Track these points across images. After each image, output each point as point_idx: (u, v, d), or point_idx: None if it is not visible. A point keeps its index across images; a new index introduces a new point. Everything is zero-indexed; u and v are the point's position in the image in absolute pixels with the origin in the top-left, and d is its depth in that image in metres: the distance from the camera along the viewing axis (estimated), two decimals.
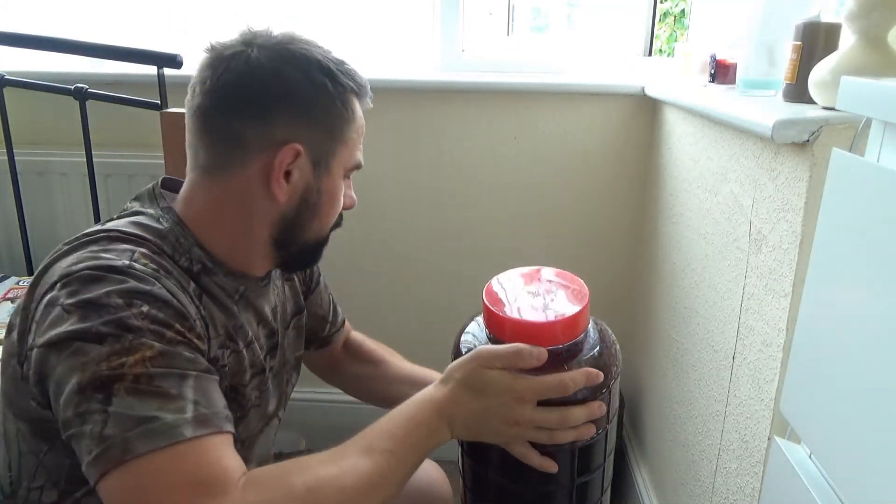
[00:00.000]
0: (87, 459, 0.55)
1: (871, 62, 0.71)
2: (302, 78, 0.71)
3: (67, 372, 0.57)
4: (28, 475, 0.66)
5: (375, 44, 1.72)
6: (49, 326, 0.59)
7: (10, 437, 0.67)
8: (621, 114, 1.54)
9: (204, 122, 0.72)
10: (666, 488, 1.29)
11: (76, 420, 0.56)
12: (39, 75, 1.54)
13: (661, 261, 1.38)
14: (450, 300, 1.71)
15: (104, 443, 0.54)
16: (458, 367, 0.71)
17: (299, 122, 0.71)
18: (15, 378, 0.64)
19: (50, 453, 0.64)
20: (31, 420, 0.64)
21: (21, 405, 0.64)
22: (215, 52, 0.72)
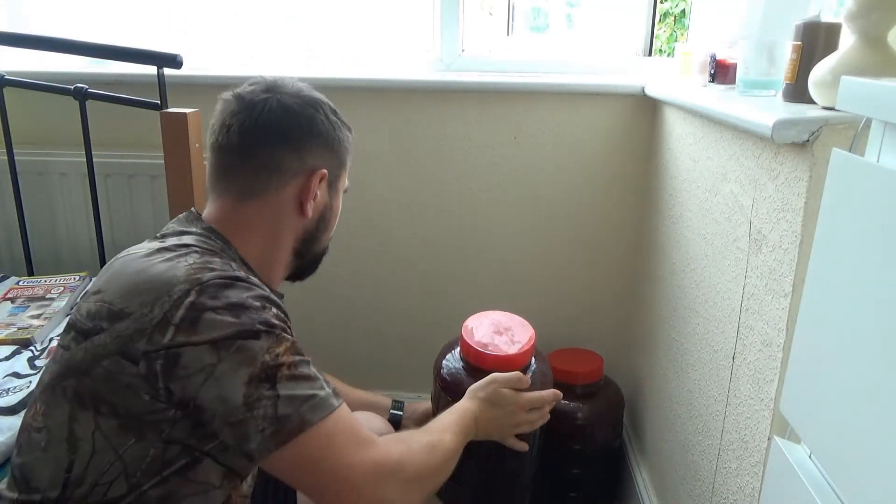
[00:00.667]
0: (259, 439, 0.67)
1: (871, 62, 0.71)
2: (322, 118, 0.88)
3: (234, 367, 0.67)
4: (96, 472, 0.69)
5: (375, 44, 1.72)
6: (204, 328, 0.67)
7: (79, 437, 0.69)
8: (621, 114, 1.54)
9: (245, 153, 0.84)
10: (666, 488, 1.29)
11: (243, 408, 0.67)
12: (39, 75, 1.54)
13: (661, 261, 1.38)
14: (450, 300, 1.71)
15: (280, 421, 0.67)
16: (481, 388, 1.03)
17: (325, 152, 0.89)
18: (112, 377, 0.68)
19: (135, 446, 0.68)
20: (128, 415, 0.68)
21: (119, 402, 0.68)
22: (245, 99, 0.85)
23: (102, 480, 0.69)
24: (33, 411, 0.74)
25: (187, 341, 0.67)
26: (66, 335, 0.74)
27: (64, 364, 0.72)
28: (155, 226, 1.61)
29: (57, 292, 1.44)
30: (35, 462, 0.72)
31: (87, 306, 0.74)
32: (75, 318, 0.74)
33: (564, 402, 1.50)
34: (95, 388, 0.69)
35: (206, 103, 1.54)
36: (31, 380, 1.10)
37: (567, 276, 1.67)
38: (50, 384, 0.73)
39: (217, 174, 0.87)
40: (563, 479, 1.54)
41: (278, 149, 0.85)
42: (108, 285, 0.74)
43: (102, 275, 0.78)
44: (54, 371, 0.73)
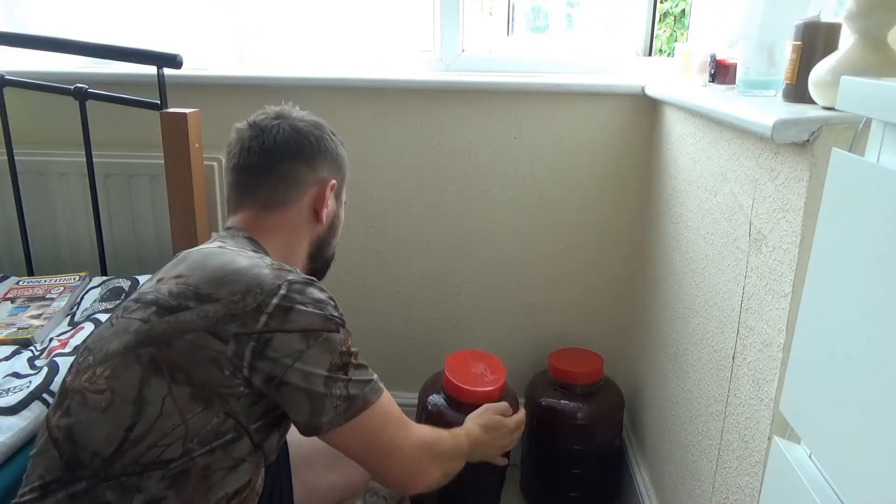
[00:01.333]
0: (333, 414, 0.80)
1: (871, 62, 0.71)
2: (327, 137, 1.03)
3: (319, 354, 0.80)
4: (158, 434, 0.76)
5: (376, 44, 1.72)
6: (295, 318, 0.79)
7: (151, 400, 0.77)
8: (621, 114, 1.54)
9: (266, 169, 0.97)
10: (666, 488, 1.30)
11: (323, 389, 0.79)
12: (39, 75, 1.54)
13: (661, 261, 1.38)
14: (449, 299, 1.71)
15: (350, 400, 0.81)
16: (478, 416, 1.15)
17: (332, 166, 1.03)
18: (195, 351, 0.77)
19: (201, 414, 0.77)
20: (202, 386, 0.77)
21: (196, 372, 0.77)
22: (259, 125, 1.00)
23: (161, 442, 0.76)
24: (87, 376, 0.80)
25: (279, 329, 0.78)
26: (143, 310, 0.81)
27: (143, 334, 0.79)
28: (155, 226, 1.61)
29: (57, 292, 1.44)
30: (90, 421, 0.77)
31: (167, 287, 0.82)
32: (156, 297, 0.82)
33: (564, 401, 1.50)
34: (175, 357, 0.77)
35: (206, 103, 1.55)
36: (31, 380, 1.10)
37: (567, 276, 1.67)
38: (120, 351, 0.79)
39: (240, 191, 0.99)
40: (563, 479, 1.54)
41: (295, 163, 0.98)
42: (191, 272, 0.83)
43: (177, 264, 0.87)
44: (127, 341, 0.79)
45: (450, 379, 1.37)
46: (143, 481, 0.76)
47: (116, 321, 0.84)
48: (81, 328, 1.26)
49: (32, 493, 0.78)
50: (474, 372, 1.42)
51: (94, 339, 0.85)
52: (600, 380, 1.53)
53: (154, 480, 0.76)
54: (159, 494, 0.76)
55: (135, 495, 0.75)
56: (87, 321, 1.28)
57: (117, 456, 0.76)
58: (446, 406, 1.41)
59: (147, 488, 0.76)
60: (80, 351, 0.86)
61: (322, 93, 1.59)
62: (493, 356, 1.50)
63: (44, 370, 1.11)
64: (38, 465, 0.79)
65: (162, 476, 0.76)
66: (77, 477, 0.76)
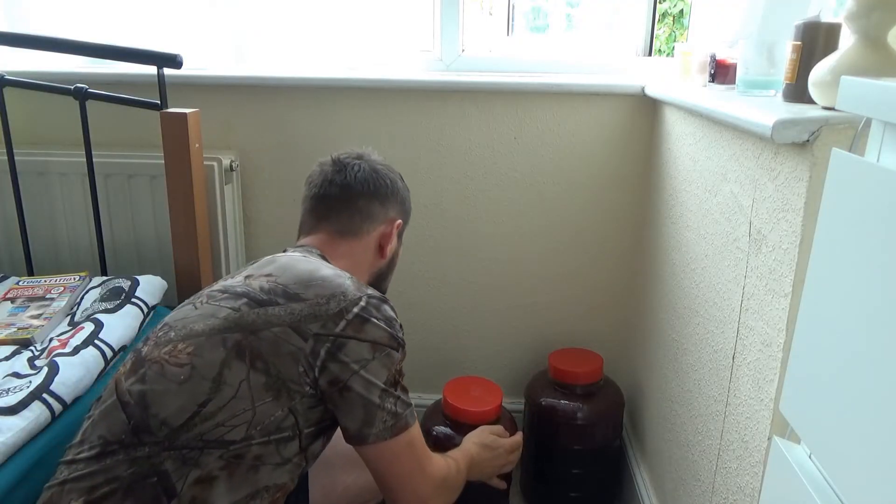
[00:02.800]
0: (381, 427, 0.86)
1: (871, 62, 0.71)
2: (399, 181, 1.16)
3: (381, 366, 0.87)
4: (228, 414, 0.81)
5: (376, 44, 1.72)
6: (369, 330, 0.87)
7: (229, 382, 0.82)
8: (621, 114, 1.54)
9: (344, 201, 1.08)
10: (666, 488, 1.30)
11: (378, 400, 0.86)
12: (39, 75, 1.54)
13: (661, 261, 1.38)
14: (449, 299, 1.71)
15: (396, 417, 0.88)
16: (475, 436, 1.22)
17: (400, 208, 1.15)
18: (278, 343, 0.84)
19: (269, 404, 0.83)
20: (277, 377, 0.83)
21: (275, 363, 0.83)
22: (342, 162, 1.11)
23: (228, 423, 0.81)
24: (168, 349, 0.86)
25: (354, 336, 0.86)
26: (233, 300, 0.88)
27: (232, 321, 0.86)
28: (155, 226, 1.61)
29: (57, 292, 1.44)
30: (166, 392, 0.83)
31: (258, 283, 0.90)
32: (246, 290, 0.89)
33: (564, 401, 1.50)
34: (259, 346, 0.84)
35: (206, 103, 1.55)
36: (31, 380, 1.10)
37: (567, 276, 1.67)
38: (206, 332, 0.86)
39: (317, 216, 1.09)
40: (563, 479, 1.54)
41: (370, 200, 1.09)
42: (281, 272, 0.91)
43: (265, 265, 0.94)
44: (214, 324, 0.86)
45: (451, 403, 1.43)
46: (202, 457, 0.80)
47: (201, 306, 0.90)
48: (81, 328, 1.26)
49: (91, 450, 0.81)
50: (473, 395, 1.46)
51: (175, 319, 0.91)
52: (600, 380, 1.53)
53: (212, 458, 0.80)
54: (213, 473, 0.80)
55: (191, 469, 0.79)
56: (88, 321, 1.28)
57: (184, 428, 0.80)
58: (451, 430, 1.43)
59: (204, 464, 0.80)
60: (160, 327, 0.93)
61: (322, 93, 1.59)
62: (489, 381, 1.53)
63: (44, 370, 1.11)
64: (101, 425, 0.83)
65: (220, 455, 0.80)
66: (142, 442, 0.80)
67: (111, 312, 1.31)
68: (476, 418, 1.38)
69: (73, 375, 1.11)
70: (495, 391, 1.47)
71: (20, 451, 0.99)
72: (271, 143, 1.64)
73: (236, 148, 1.64)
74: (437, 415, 1.48)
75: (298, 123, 1.61)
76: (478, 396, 1.45)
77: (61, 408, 1.07)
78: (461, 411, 1.41)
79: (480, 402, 1.43)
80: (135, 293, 1.38)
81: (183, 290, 1.49)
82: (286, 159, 1.64)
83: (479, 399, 1.44)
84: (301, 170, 1.67)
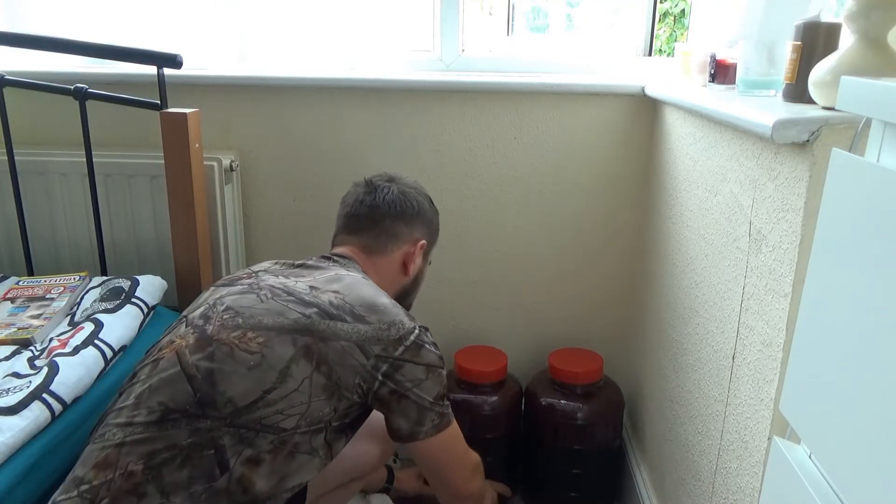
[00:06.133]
0: (430, 425, 0.99)
1: (871, 62, 0.71)
2: (427, 203, 1.25)
3: (433, 384, 0.99)
4: (287, 404, 0.89)
5: (376, 44, 1.72)
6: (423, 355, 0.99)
7: (295, 377, 0.91)
8: (621, 114, 1.54)
9: (373, 221, 1.19)
10: (666, 488, 1.30)
11: (429, 406, 0.98)
12: (39, 75, 1.54)
13: (660, 261, 1.38)
14: (449, 299, 1.71)
15: (443, 418, 1.01)
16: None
17: (426, 229, 1.24)
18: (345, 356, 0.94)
19: (322, 402, 0.92)
20: (336, 382, 0.93)
21: (337, 371, 0.93)
22: (374, 184, 1.22)
23: (286, 412, 0.89)
24: (237, 334, 0.93)
25: (411, 360, 0.97)
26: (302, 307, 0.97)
27: (302, 326, 0.94)
28: (155, 226, 1.61)
29: (57, 292, 1.44)
30: (235, 373, 0.90)
31: (327, 298, 0.99)
32: (316, 301, 0.98)
33: (564, 401, 1.50)
34: (327, 353, 0.93)
35: (206, 103, 1.55)
36: (31, 380, 1.10)
37: (567, 276, 1.67)
38: (276, 328, 0.94)
39: (348, 232, 1.20)
40: (563, 479, 1.54)
41: (397, 221, 1.19)
42: (347, 292, 1.01)
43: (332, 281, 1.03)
44: (284, 323, 0.94)
45: (460, 365, 1.56)
46: (256, 438, 0.87)
47: (266, 300, 0.98)
48: (81, 328, 1.25)
49: (150, 414, 0.87)
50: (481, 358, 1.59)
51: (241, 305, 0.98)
52: (600, 380, 1.53)
53: (265, 441, 0.87)
54: (261, 456, 0.87)
55: (245, 448, 0.86)
56: (87, 321, 1.28)
57: (248, 409, 0.88)
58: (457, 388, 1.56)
59: (257, 445, 0.87)
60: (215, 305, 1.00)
61: (322, 93, 1.59)
62: (493, 347, 1.65)
63: (44, 370, 1.11)
64: (162, 392, 0.89)
65: (271, 440, 0.88)
66: (205, 415, 0.87)
67: (111, 312, 1.31)
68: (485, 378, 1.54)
69: (72, 375, 1.11)
70: (501, 356, 1.60)
71: (20, 451, 0.99)
72: (271, 143, 1.63)
73: (236, 148, 1.64)
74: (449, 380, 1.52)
75: (298, 123, 1.61)
76: (486, 360, 1.59)
77: (61, 408, 1.07)
78: (473, 372, 1.54)
79: (489, 364, 1.56)
80: (135, 293, 1.38)
81: (183, 290, 1.49)
82: (286, 159, 1.64)
83: (488, 362, 1.57)
84: (301, 170, 1.68)
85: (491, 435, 1.54)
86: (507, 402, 1.54)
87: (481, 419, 1.53)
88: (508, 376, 1.59)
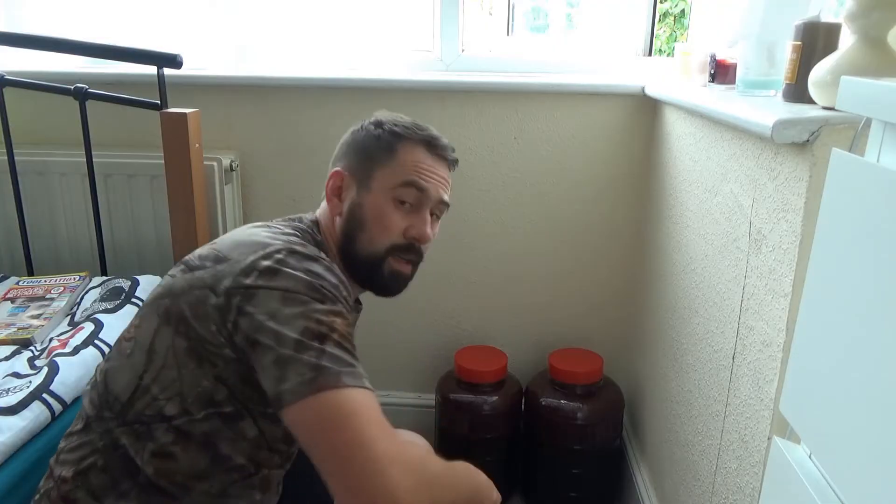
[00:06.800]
0: (298, 380, 0.71)
1: (871, 62, 0.71)
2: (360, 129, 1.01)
3: (295, 316, 0.74)
4: (160, 386, 0.79)
5: (376, 44, 1.72)
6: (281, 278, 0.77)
7: (158, 350, 0.80)
8: (621, 114, 1.54)
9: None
10: (666, 488, 1.30)
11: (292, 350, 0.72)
12: (39, 75, 1.54)
13: (661, 261, 1.38)
14: (449, 299, 1.71)
15: (321, 371, 0.71)
16: None
17: (348, 157, 1.00)
18: (198, 304, 0.79)
19: (194, 371, 0.78)
20: (196, 339, 0.78)
21: (193, 326, 0.78)
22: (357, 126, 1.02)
23: (162, 396, 0.79)
24: (128, 325, 0.86)
25: (265, 285, 0.76)
26: (175, 269, 0.86)
27: (166, 288, 0.83)
28: (155, 226, 1.61)
29: (57, 292, 1.44)
30: (119, 367, 0.83)
31: (200, 251, 0.85)
32: (188, 258, 0.85)
33: (564, 401, 1.50)
34: (182, 309, 0.80)
35: (206, 103, 1.55)
36: (31, 380, 1.10)
37: (567, 276, 1.67)
38: (149, 303, 0.84)
39: None
40: (563, 479, 1.54)
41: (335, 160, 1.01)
42: (222, 241, 0.86)
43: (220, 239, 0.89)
44: (156, 293, 0.84)
45: (461, 366, 1.55)
46: (151, 431, 0.79)
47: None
48: (81, 328, 1.26)
49: (78, 423, 0.84)
50: (481, 358, 1.59)
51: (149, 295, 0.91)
52: (600, 380, 1.53)
53: (160, 432, 0.79)
54: (167, 449, 0.79)
55: (147, 443, 0.79)
56: (87, 321, 1.28)
57: (130, 404, 0.80)
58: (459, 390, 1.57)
59: (156, 439, 0.79)
60: None
61: (322, 93, 1.59)
62: (493, 347, 1.66)
63: (44, 370, 1.11)
64: (85, 401, 0.86)
65: (166, 429, 0.78)
66: (104, 417, 0.81)
67: (111, 312, 1.31)
68: (485, 378, 1.54)
69: (72, 375, 1.12)
70: (501, 356, 1.60)
71: (20, 451, 0.99)
72: (271, 143, 1.64)
73: (236, 148, 1.64)
74: (449, 381, 1.59)
75: (298, 123, 1.61)
76: (486, 360, 1.59)
77: (61, 408, 1.07)
78: (473, 372, 1.53)
79: (489, 364, 1.56)
80: (135, 293, 1.38)
81: None
82: (286, 159, 1.64)
83: (488, 362, 1.57)
84: (301, 170, 1.68)
85: (491, 435, 1.54)
86: (507, 402, 1.54)
87: (481, 419, 1.53)
88: (508, 376, 1.59)
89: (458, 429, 1.56)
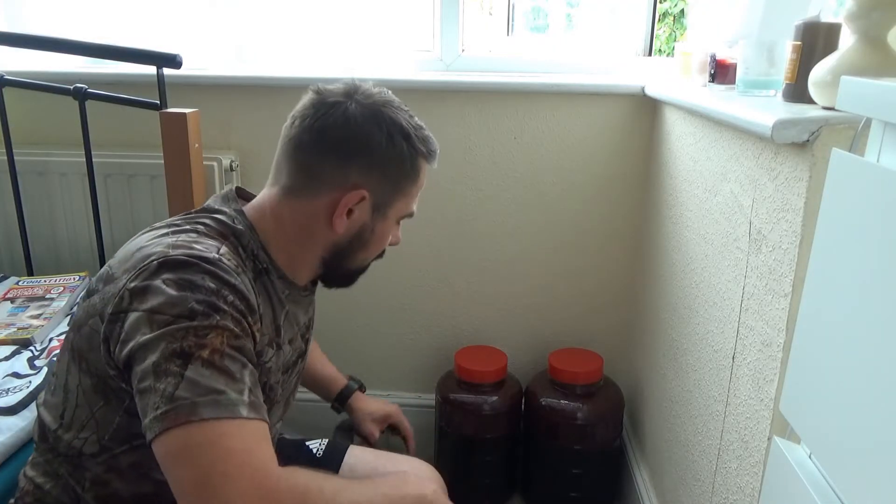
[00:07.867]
0: (153, 415, 0.64)
1: (871, 62, 0.71)
2: (385, 138, 0.84)
3: (159, 338, 0.66)
4: (78, 425, 0.76)
5: (376, 44, 1.72)
6: (149, 297, 0.69)
7: (71, 388, 0.76)
8: (621, 114, 1.54)
9: (294, 152, 0.85)
10: (666, 488, 1.30)
11: (151, 378, 0.65)
12: (39, 75, 1.54)
13: (661, 261, 1.38)
14: (449, 299, 1.71)
15: (174, 402, 0.64)
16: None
17: (371, 173, 0.85)
18: (92, 336, 0.73)
19: (103, 409, 0.74)
20: (98, 376, 0.73)
21: (92, 361, 0.73)
22: (320, 97, 0.85)
23: (80, 435, 0.76)
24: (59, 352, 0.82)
25: (134, 308, 0.69)
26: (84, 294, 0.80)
27: (74, 319, 0.78)
28: None
29: (57, 292, 1.44)
30: (47, 402, 0.81)
31: (103, 268, 0.79)
32: (95, 277, 0.79)
33: (564, 401, 1.50)
34: (80, 344, 0.75)
35: (206, 103, 1.55)
36: (30, 380, 1.10)
37: (567, 276, 1.67)
38: (67, 333, 0.80)
39: (275, 162, 0.89)
40: (563, 479, 1.54)
41: (324, 157, 0.84)
42: (118, 252, 0.79)
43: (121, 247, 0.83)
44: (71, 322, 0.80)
45: (461, 366, 1.55)
46: (83, 462, 0.77)
47: None
48: None
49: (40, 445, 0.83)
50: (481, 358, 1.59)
51: None
52: (600, 380, 1.53)
53: (93, 464, 0.77)
54: (103, 477, 0.77)
55: (84, 472, 0.77)
56: None
57: (59, 438, 0.78)
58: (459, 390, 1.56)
59: (90, 469, 0.77)
60: None
61: None
62: (493, 347, 1.65)
63: (44, 370, 1.11)
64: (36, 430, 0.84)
65: (97, 462, 0.76)
66: (43, 448, 0.81)
67: None
68: (485, 378, 1.54)
69: None
70: (501, 356, 1.60)
71: (20, 451, 0.99)
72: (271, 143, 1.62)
73: (236, 148, 1.64)
74: (449, 381, 1.59)
75: None
76: (486, 360, 1.58)
77: None
78: (473, 372, 1.53)
79: (489, 364, 1.56)
80: None
81: None
82: None
83: (488, 362, 1.57)
84: None
85: (491, 435, 1.54)
86: (507, 402, 1.54)
87: (481, 419, 1.53)
88: (508, 376, 1.59)
89: (458, 429, 1.56)
